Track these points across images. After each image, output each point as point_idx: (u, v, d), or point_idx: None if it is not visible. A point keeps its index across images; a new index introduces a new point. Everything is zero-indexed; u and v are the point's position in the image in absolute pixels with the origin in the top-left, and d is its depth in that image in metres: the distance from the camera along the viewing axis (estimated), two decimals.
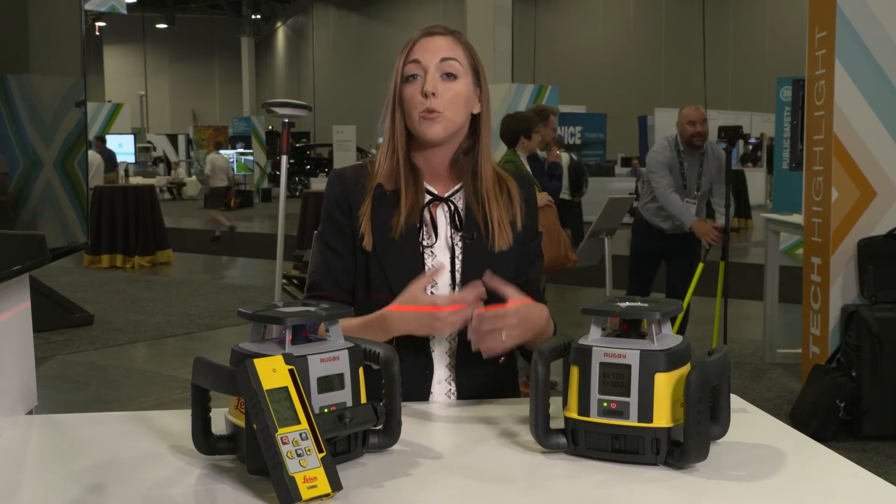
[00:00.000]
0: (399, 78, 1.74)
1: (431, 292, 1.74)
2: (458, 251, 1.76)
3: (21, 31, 1.57)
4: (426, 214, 1.77)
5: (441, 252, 1.77)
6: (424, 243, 1.76)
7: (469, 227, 1.77)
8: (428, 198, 1.78)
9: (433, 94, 1.70)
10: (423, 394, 1.75)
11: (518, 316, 1.61)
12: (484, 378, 1.77)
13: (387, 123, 1.78)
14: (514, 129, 5.11)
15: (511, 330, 1.60)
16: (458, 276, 1.75)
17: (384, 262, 1.74)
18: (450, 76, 1.73)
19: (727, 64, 25.95)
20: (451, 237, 1.77)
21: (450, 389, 1.77)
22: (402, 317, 1.64)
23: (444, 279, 1.76)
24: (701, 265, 5.47)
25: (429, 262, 1.75)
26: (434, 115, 1.71)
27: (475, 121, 1.80)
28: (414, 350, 1.73)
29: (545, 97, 11.68)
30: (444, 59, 1.72)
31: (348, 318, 1.69)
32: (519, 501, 1.22)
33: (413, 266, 1.74)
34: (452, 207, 1.78)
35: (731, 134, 5.61)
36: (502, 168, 1.89)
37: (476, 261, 1.75)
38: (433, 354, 1.76)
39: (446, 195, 1.80)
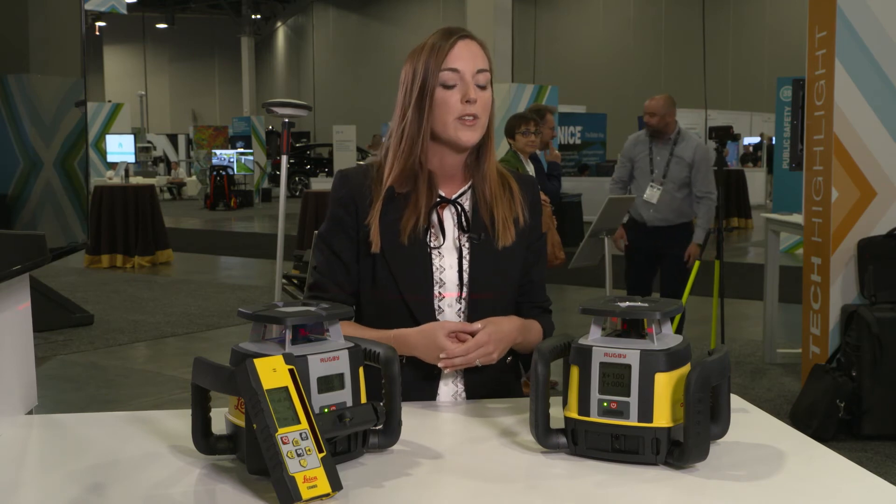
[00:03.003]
0: (434, 82, 1.73)
1: (439, 292, 1.76)
2: (465, 252, 1.78)
3: (21, 31, 1.57)
4: (433, 216, 1.78)
5: (448, 253, 1.78)
6: (432, 245, 1.77)
7: (476, 227, 1.78)
8: (437, 199, 1.80)
9: (476, 100, 1.73)
10: (430, 393, 1.76)
11: (490, 340, 1.68)
12: (493, 377, 1.78)
13: (407, 127, 1.76)
14: (506, 129, 5.18)
15: (487, 356, 1.69)
16: (465, 276, 1.77)
17: (392, 265, 1.75)
18: (482, 84, 1.75)
19: (727, 64, 25.94)
20: (459, 238, 1.79)
21: (457, 391, 1.78)
22: (413, 347, 1.71)
23: (451, 280, 1.77)
24: (697, 263, 5.48)
25: (436, 262, 1.77)
26: (473, 121, 1.73)
27: None
28: None
29: (545, 97, 11.67)
30: (480, 71, 1.75)
31: (358, 327, 1.75)
32: (519, 501, 1.22)
33: (421, 268, 1.76)
34: (459, 209, 1.79)
35: (721, 134, 5.62)
36: (509, 169, 1.90)
37: (483, 261, 1.77)
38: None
39: (453, 197, 1.81)
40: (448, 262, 1.77)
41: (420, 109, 1.74)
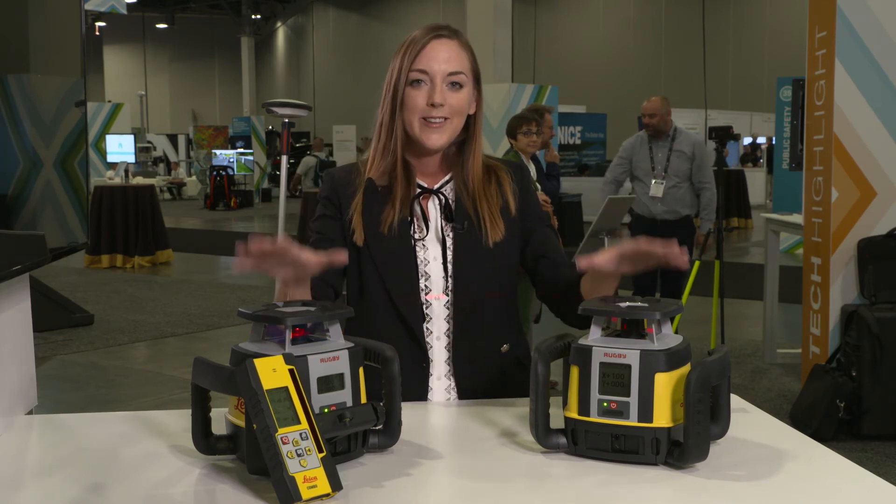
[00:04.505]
0: (404, 80, 1.73)
1: (425, 285, 1.75)
2: (448, 242, 1.77)
3: (21, 31, 1.57)
4: (416, 207, 1.78)
5: (432, 244, 1.77)
6: (416, 236, 1.76)
7: (460, 217, 1.77)
8: (418, 190, 1.79)
9: (441, 104, 1.72)
10: (422, 389, 1.75)
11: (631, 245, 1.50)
12: (486, 372, 1.77)
13: (383, 123, 1.77)
14: (508, 130, 5.22)
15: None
16: (450, 267, 1.76)
17: (376, 257, 1.75)
18: (455, 85, 1.74)
19: (727, 64, 25.92)
20: (443, 229, 1.78)
21: (450, 384, 1.76)
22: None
23: (436, 271, 1.76)
24: (697, 263, 5.53)
25: (420, 254, 1.77)
26: (438, 124, 1.72)
27: (468, 118, 1.81)
28: (409, 344, 1.73)
29: (545, 97, 11.66)
30: (452, 73, 1.73)
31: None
32: (519, 501, 1.22)
33: (405, 260, 1.75)
34: (443, 199, 1.79)
35: (721, 134, 5.80)
36: (498, 159, 1.89)
37: (468, 251, 1.76)
38: (431, 350, 1.76)
39: (436, 187, 1.81)
40: (432, 254, 1.77)
41: (393, 106, 1.75)
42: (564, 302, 1.76)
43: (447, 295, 1.75)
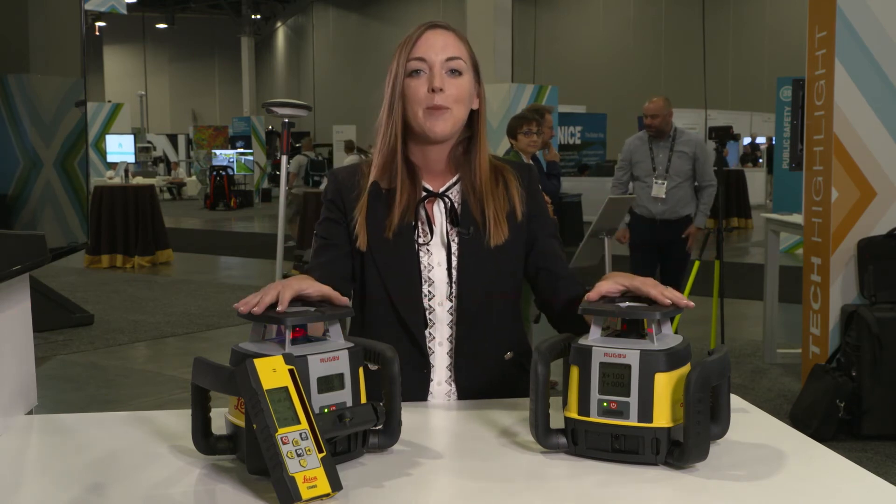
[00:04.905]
0: (402, 72, 1.73)
1: (429, 290, 1.74)
2: (454, 247, 1.74)
3: (21, 31, 1.57)
4: (421, 211, 1.76)
5: (437, 249, 1.75)
6: (420, 241, 1.75)
7: (465, 221, 1.75)
8: (423, 194, 1.77)
9: (441, 89, 1.70)
10: (422, 394, 1.74)
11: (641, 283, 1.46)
12: (487, 375, 1.75)
13: (383, 119, 1.76)
14: (508, 130, 5.23)
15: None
16: (454, 273, 1.73)
17: (379, 262, 1.73)
18: (454, 72, 1.73)
19: (727, 64, 25.92)
20: (448, 233, 1.75)
21: (450, 390, 1.75)
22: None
23: (440, 278, 1.74)
24: (697, 263, 5.55)
25: (424, 259, 1.74)
26: (441, 111, 1.71)
27: (472, 116, 1.80)
28: (410, 350, 1.72)
29: (545, 97, 11.67)
30: (449, 59, 1.72)
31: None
32: (519, 501, 1.22)
33: (408, 265, 1.73)
34: (448, 203, 1.76)
35: (721, 134, 5.84)
36: (504, 160, 1.88)
37: (473, 256, 1.73)
38: (433, 356, 1.75)
39: (441, 190, 1.79)
40: (437, 260, 1.74)
41: (393, 102, 1.74)
42: (563, 315, 1.75)
43: (451, 301, 1.73)
